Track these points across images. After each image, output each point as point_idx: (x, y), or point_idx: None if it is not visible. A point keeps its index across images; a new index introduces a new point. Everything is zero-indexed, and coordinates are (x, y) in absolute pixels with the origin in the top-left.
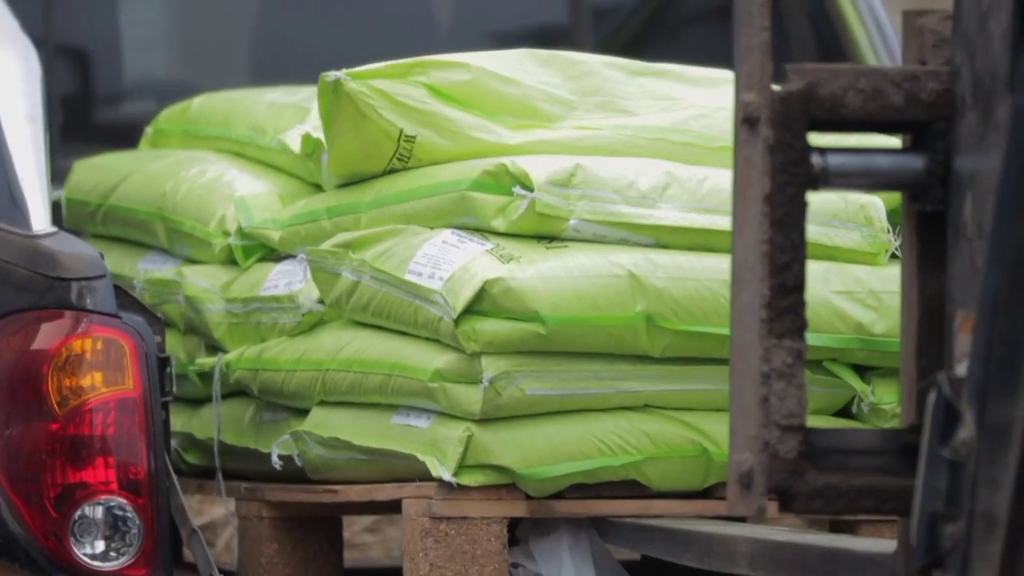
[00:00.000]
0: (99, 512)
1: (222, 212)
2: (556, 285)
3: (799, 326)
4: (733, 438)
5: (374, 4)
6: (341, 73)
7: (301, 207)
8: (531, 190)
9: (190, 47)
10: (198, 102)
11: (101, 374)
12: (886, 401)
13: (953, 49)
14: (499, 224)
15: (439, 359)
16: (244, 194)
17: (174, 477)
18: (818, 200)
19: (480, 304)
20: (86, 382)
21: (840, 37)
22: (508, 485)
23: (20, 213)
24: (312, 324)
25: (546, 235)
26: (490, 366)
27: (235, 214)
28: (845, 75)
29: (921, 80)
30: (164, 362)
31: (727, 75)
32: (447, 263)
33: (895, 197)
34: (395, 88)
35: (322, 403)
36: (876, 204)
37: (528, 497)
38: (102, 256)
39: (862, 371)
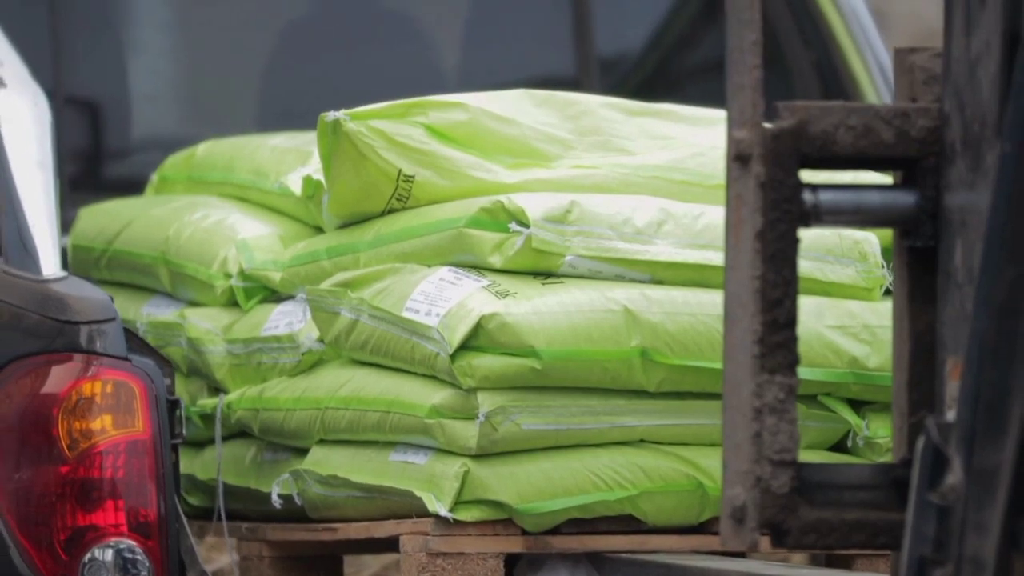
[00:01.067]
0: (109, 555)
1: (224, 255)
2: (551, 320)
3: (791, 361)
4: (726, 473)
5: (380, 55)
6: (340, 113)
7: (301, 248)
8: (527, 226)
9: (198, 99)
10: (203, 148)
11: (111, 417)
12: (880, 435)
13: (943, 95)
14: (496, 260)
15: (436, 395)
16: (246, 237)
17: (184, 519)
18: (812, 235)
19: (476, 340)
20: (96, 425)
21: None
22: (504, 520)
23: (30, 258)
24: (312, 363)
25: (542, 271)
26: (486, 401)
27: (237, 256)
28: (836, 112)
29: (911, 117)
30: (174, 404)
31: (723, 114)
32: (444, 300)
33: (889, 233)
34: (394, 128)
35: (321, 441)
36: (871, 240)
37: (524, 532)
38: (112, 300)
39: (857, 405)
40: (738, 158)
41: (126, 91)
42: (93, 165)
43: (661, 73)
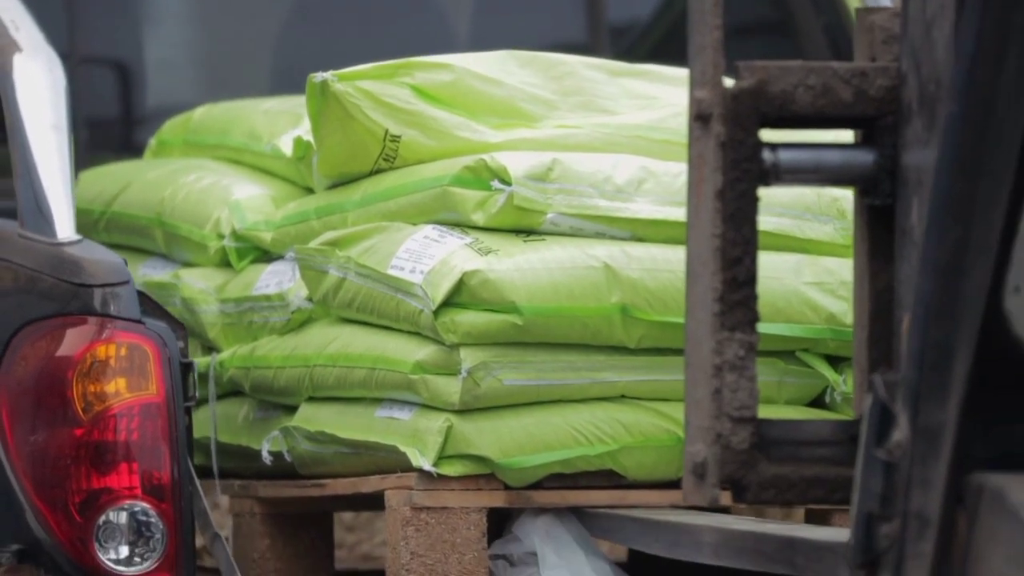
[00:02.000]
0: (123, 517)
1: (217, 215)
2: (533, 277)
3: (751, 319)
4: (687, 429)
5: (393, 23)
6: (328, 74)
7: (291, 208)
8: (509, 184)
9: (214, 64)
10: (199, 112)
11: (125, 380)
12: None
13: (901, 55)
14: (479, 218)
15: (420, 351)
16: (238, 198)
17: (197, 481)
18: (791, 193)
19: (459, 296)
20: (110, 388)
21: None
22: (487, 475)
23: (45, 221)
24: (301, 322)
25: (524, 228)
26: (468, 357)
27: (229, 217)
28: (795, 72)
29: (870, 76)
30: (187, 367)
31: None
32: (428, 257)
33: None
34: (381, 89)
35: (310, 399)
36: (849, 197)
37: (506, 487)
38: (125, 263)
39: (834, 361)
40: (699, 118)
41: (141, 55)
42: (110, 128)
43: (672, 40)
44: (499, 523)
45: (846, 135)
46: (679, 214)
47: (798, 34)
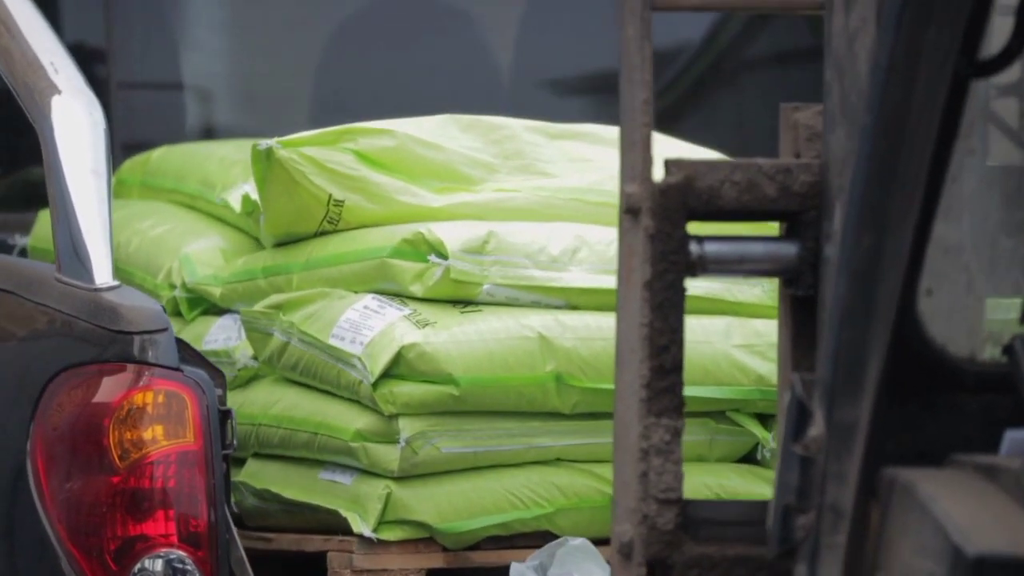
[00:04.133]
0: (159, 565)
1: (169, 266)
2: (469, 348)
3: (676, 405)
4: (615, 510)
5: (433, 53)
6: (272, 141)
7: (240, 266)
8: (446, 258)
9: (252, 94)
10: (157, 154)
11: (163, 427)
12: None
13: (824, 65)
14: (417, 290)
15: (360, 420)
16: (188, 251)
17: (234, 530)
18: None
19: (397, 368)
20: (147, 435)
21: None
22: (427, 538)
23: (83, 267)
24: (248, 378)
25: (461, 299)
26: (407, 427)
27: (180, 269)
28: (721, 168)
29: (793, 173)
30: (225, 415)
31: None
32: (367, 328)
33: None
34: (324, 155)
35: (256, 455)
36: None
37: (445, 549)
38: (164, 310)
39: (764, 419)
40: (629, 211)
41: (180, 84)
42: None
43: (714, 68)
44: None
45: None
46: (612, 282)
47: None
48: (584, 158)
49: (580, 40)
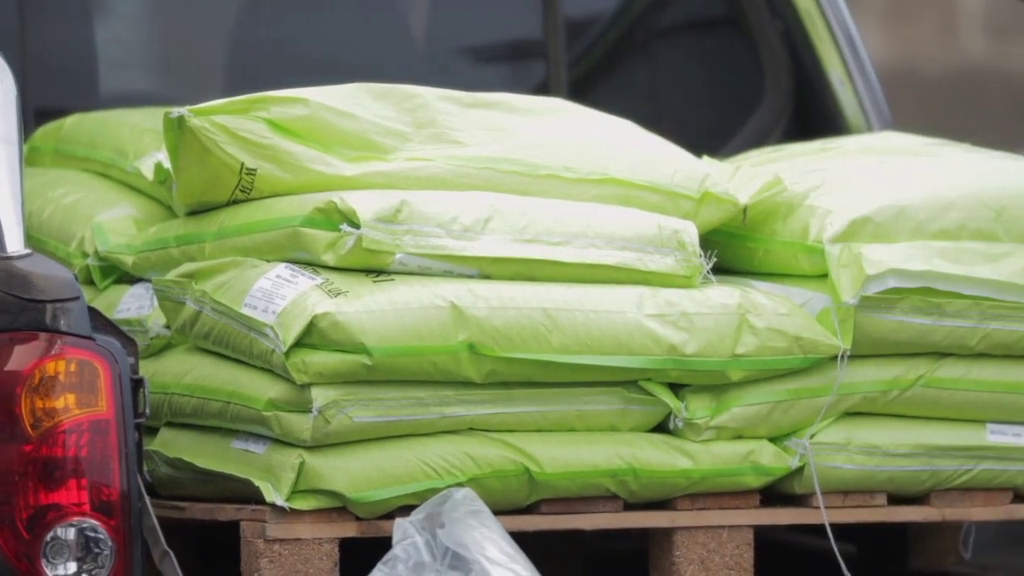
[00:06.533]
0: (71, 534)
1: (82, 235)
2: (381, 318)
3: None
4: None
5: (348, 20)
6: (184, 110)
7: (152, 234)
8: (358, 227)
9: (166, 63)
10: (70, 122)
11: (75, 396)
12: (699, 416)
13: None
14: (329, 259)
15: (272, 389)
16: (101, 219)
17: (147, 499)
18: (633, 227)
19: (310, 337)
20: (60, 404)
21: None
22: (339, 508)
23: None
24: (160, 347)
25: (374, 268)
26: (319, 396)
27: (92, 237)
28: None
29: None
30: (137, 383)
31: (555, 104)
32: (279, 298)
33: (708, 221)
34: (236, 123)
35: (169, 424)
36: (689, 229)
37: (358, 518)
38: (76, 278)
39: (676, 388)
40: None
41: (94, 51)
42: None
43: (628, 37)
44: (351, 553)
45: None
46: (524, 251)
47: (755, 41)
48: (498, 127)
49: (494, 8)
